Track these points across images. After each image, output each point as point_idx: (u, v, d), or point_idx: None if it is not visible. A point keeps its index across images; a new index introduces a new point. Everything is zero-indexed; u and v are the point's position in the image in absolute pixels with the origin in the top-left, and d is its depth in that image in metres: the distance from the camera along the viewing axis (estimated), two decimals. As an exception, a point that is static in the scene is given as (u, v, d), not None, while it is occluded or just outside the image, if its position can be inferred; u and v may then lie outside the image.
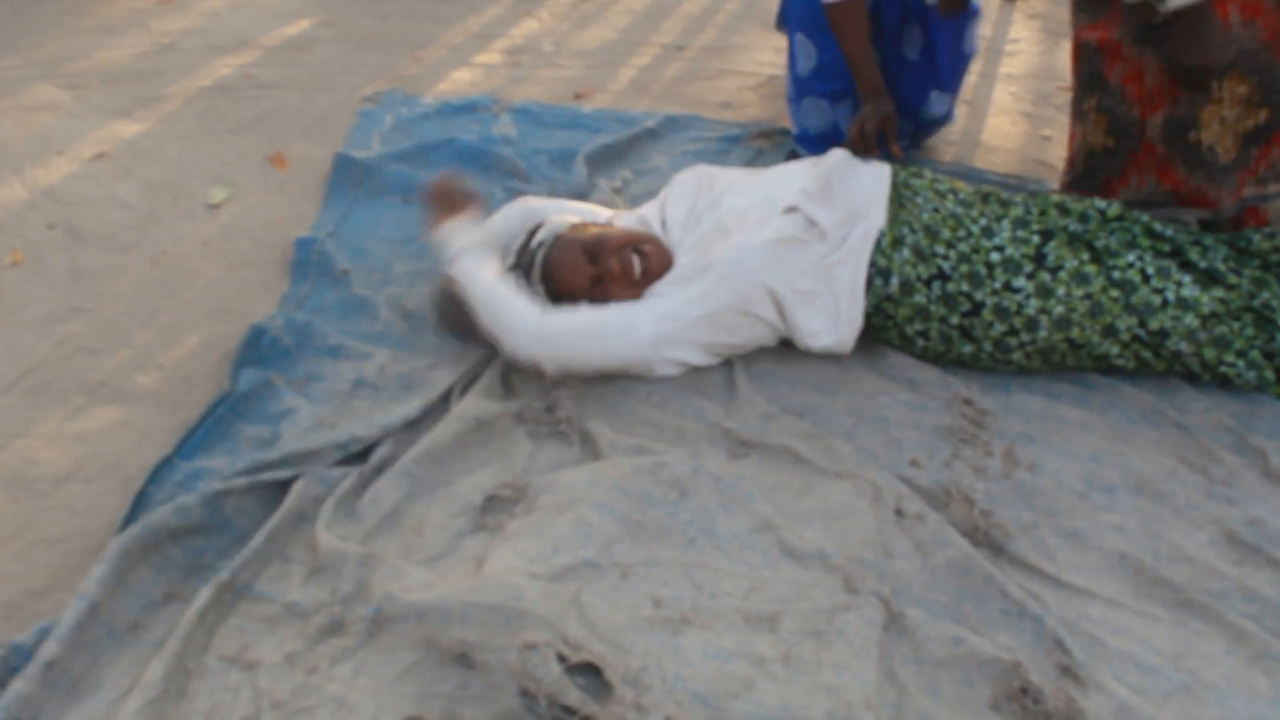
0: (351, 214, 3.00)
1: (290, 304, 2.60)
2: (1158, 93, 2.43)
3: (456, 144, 3.24)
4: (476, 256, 2.40)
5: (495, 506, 2.01)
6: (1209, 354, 2.23)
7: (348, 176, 3.14)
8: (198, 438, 2.18)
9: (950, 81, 3.07)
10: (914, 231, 2.29)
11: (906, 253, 2.27)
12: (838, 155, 2.44)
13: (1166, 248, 2.29)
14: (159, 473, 2.08)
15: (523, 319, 2.27)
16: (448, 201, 2.53)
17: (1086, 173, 2.65)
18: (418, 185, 3.02)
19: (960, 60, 3.07)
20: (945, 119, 3.16)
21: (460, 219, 2.46)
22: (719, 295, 2.24)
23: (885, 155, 2.74)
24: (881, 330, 2.35)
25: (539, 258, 2.39)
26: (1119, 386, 2.30)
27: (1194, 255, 2.26)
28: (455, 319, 2.40)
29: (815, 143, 3.09)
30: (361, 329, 2.50)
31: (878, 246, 2.28)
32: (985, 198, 2.40)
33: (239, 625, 1.79)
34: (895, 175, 2.40)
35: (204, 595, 1.79)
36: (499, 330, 2.28)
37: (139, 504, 2.02)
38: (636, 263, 2.35)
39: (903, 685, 1.68)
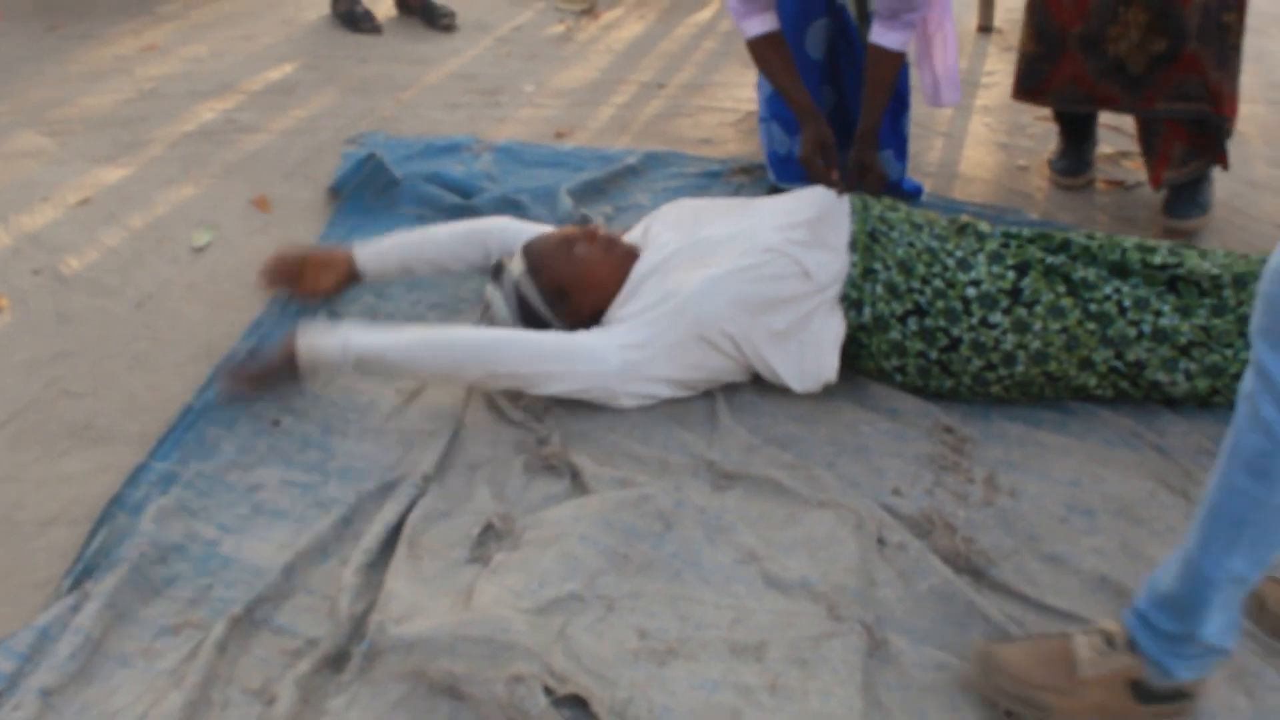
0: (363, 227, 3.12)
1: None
2: (1071, 9, 2.90)
3: (443, 177, 3.28)
4: (364, 331, 2.27)
5: (489, 538, 2.02)
6: (1201, 385, 2.24)
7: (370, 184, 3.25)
8: (171, 440, 2.28)
9: (891, 141, 3.12)
10: (887, 268, 2.30)
11: (880, 289, 2.29)
12: (824, 194, 2.47)
13: (1157, 260, 2.30)
14: (136, 474, 2.19)
15: (474, 340, 2.27)
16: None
17: (1027, 74, 3.11)
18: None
19: (896, 135, 3.12)
20: (907, 189, 3.19)
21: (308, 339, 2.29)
22: (680, 327, 2.26)
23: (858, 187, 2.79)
24: (857, 359, 2.36)
25: (524, 246, 2.45)
26: (1098, 411, 2.32)
27: (1193, 262, 2.28)
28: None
29: (781, 164, 3.18)
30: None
31: (849, 280, 2.31)
32: (961, 229, 2.42)
33: (263, 658, 1.80)
34: (870, 209, 2.42)
35: (219, 628, 1.81)
36: (455, 361, 2.24)
37: (115, 504, 2.11)
38: (611, 236, 2.41)
39: (888, 711, 1.69)
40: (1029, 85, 3.12)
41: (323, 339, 2.25)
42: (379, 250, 2.68)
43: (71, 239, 3.01)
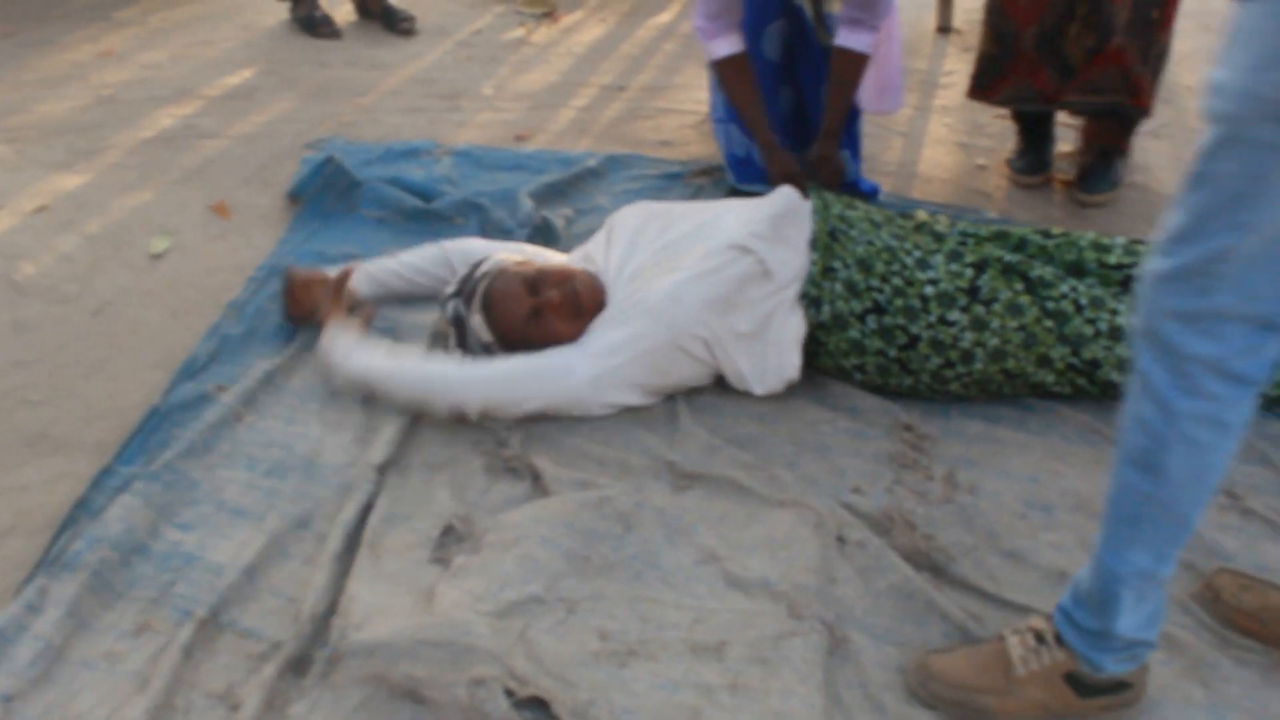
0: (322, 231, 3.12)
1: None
2: (1028, 9, 2.99)
3: (403, 182, 3.28)
4: (368, 348, 2.39)
5: (450, 540, 2.02)
6: None
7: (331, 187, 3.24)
8: (136, 444, 2.28)
9: (847, 142, 3.15)
10: (847, 266, 2.31)
11: (839, 287, 2.30)
12: (789, 193, 2.48)
13: (1112, 260, 2.32)
14: (100, 478, 2.19)
15: (444, 375, 2.29)
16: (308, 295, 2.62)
17: (981, 73, 3.20)
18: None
19: (851, 135, 3.17)
20: (864, 189, 3.21)
21: (337, 321, 2.47)
22: (654, 334, 2.26)
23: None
24: (816, 358, 2.37)
25: (481, 287, 2.39)
26: (1056, 408, 2.33)
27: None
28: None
29: (740, 166, 3.19)
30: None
31: (808, 278, 2.32)
32: (919, 227, 2.43)
33: (227, 662, 1.80)
34: (830, 208, 2.43)
35: (185, 632, 1.80)
36: (428, 394, 2.29)
37: (79, 507, 2.11)
38: (577, 297, 2.36)
39: (849, 709, 1.70)
40: (983, 84, 3.21)
41: (337, 339, 2.42)
42: (360, 276, 2.70)
43: (28, 246, 2.98)
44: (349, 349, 2.38)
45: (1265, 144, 1.19)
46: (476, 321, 2.38)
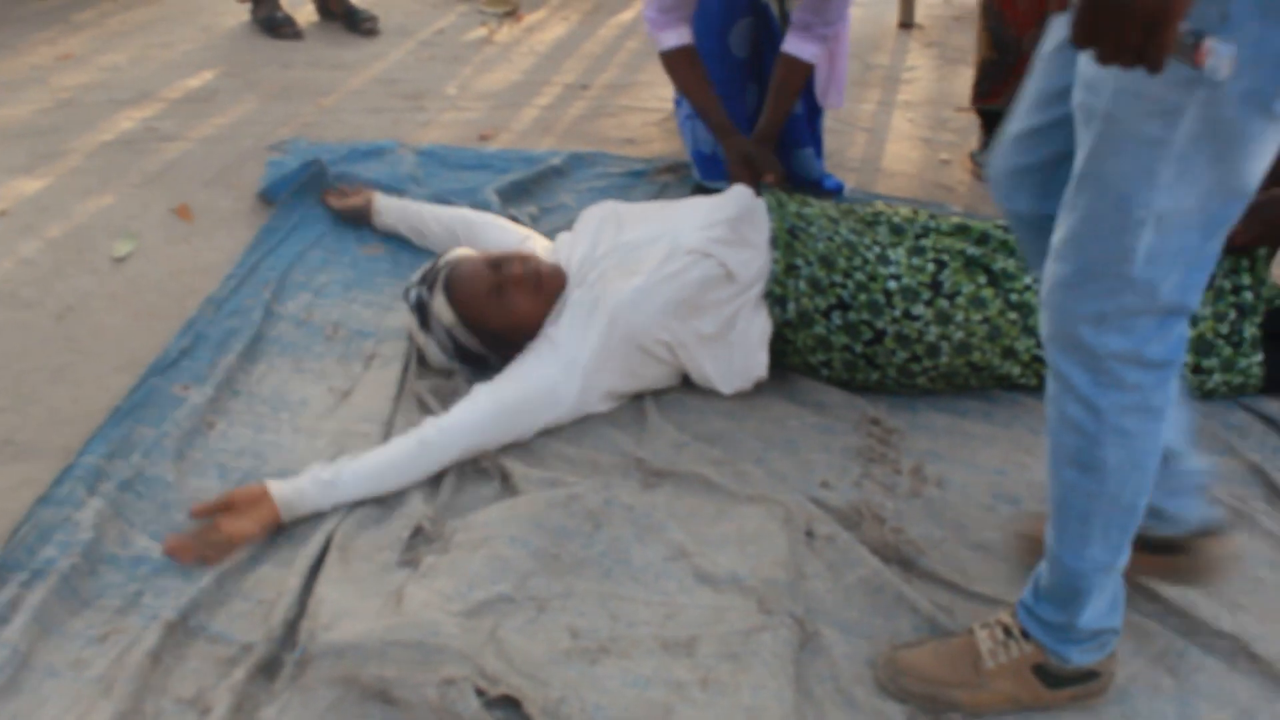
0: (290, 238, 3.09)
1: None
2: (1027, 13, 3.05)
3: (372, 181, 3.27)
4: (333, 471, 2.09)
5: (419, 542, 2.01)
6: None
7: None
8: (100, 438, 2.26)
9: (811, 140, 3.18)
10: (809, 263, 2.31)
11: (803, 285, 2.30)
12: (744, 193, 2.48)
13: None
14: (63, 474, 2.16)
15: (454, 437, 2.16)
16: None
17: (982, 79, 3.27)
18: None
19: (814, 134, 3.20)
20: (829, 187, 3.22)
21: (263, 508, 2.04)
22: (617, 339, 2.27)
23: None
24: (783, 355, 2.38)
25: (444, 272, 2.38)
26: (1022, 399, 2.35)
27: None
28: None
29: (706, 162, 3.19)
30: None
31: (771, 276, 2.32)
32: (876, 219, 2.43)
33: (197, 667, 1.78)
34: (787, 206, 2.43)
35: (153, 635, 1.79)
36: (432, 461, 2.15)
37: (41, 502, 2.09)
38: (538, 274, 2.35)
39: (819, 702, 1.70)
40: (986, 90, 3.28)
41: (298, 504, 2.05)
42: (393, 203, 3.02)
43: (-12, 252, 2.96)
44: (320, 496, 2.06)
45: (1149, 140, 1.19)
46: (439, 302, 2.36)
